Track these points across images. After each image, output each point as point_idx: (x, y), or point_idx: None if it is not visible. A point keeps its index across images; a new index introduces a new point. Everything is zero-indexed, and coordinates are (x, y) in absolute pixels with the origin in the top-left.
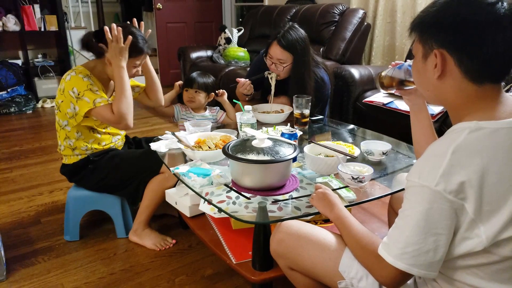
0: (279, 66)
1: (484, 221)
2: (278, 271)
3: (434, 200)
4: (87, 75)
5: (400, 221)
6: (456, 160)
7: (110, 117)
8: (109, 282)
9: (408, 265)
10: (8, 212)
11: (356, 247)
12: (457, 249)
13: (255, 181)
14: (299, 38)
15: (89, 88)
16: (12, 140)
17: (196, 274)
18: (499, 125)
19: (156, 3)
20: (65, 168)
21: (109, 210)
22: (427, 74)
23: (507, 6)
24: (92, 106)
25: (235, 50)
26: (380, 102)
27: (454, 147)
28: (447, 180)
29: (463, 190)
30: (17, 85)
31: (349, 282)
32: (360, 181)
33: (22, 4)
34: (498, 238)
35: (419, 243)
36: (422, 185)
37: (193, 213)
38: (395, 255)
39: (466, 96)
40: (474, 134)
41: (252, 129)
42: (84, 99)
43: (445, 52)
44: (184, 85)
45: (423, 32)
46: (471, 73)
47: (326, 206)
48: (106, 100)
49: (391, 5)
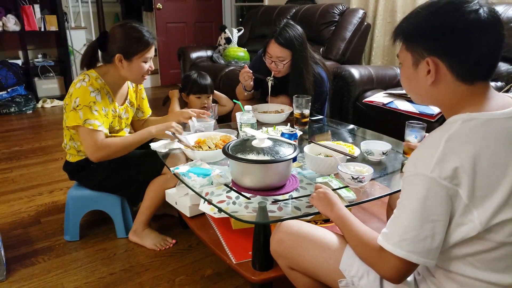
0: (279, 64)
1: (477, 206)
2: (278, 271)
3: (430, 187)
4: (97, 89)
5: (398, 211)
6: (449, 148)
7: (88, 144)
8: (109, 282)
9: (407, 252)
10: (8, 212)
11: (357, 245)
12: (452, 236)
13: (255, 181)
14: (296, 34)
15: (90, 105)
16: (12, 140)
17: (196, 274)
18: (490, 116)
19: (156, 3)
20: (68, 166)
21: (109, 210)
22: (419, 80)
23: (487, 11)
24: (81, 124)
25: (235, 50)
26: (380, 102)
27: (447, 136)
28: (441, 167)
29: (456, 175)
30: (17, 85)
31: (350, 280)
32: (360, 181)
33: (22, 4)
34: (491, 223)
35: (416, 229)
36: (418, 173)
37: (193, 213)
38: (394, 243)
39: (459, 96)
40: (467, 124)
41: (252, 129)
42: (79, 113)
43: (437, 59)
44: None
45: (410, 41)
46: (462, 75)
47: (326, 205)
48: (98, 126)
49: (391, 5)
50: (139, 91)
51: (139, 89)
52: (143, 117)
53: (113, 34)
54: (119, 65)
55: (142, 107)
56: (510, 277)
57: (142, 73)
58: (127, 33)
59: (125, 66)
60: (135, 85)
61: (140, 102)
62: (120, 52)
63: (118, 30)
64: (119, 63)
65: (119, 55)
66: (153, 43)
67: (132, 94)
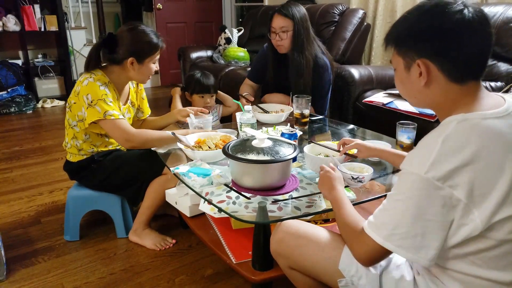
0: (282, 35)
1: (477, 205)
2: (278, 271)
3: (423, 187)
4: (104, 83)
5: (390, 204)
6: (445, 149)
7: (118, 134)
8: (109, 282)
9: (396, 246)
10: (8, 212)
11: (342, 225)
12: (455, 236)
13: (255, 181)
14: (298, 8)
15: (104, 98)
16: (12, 140)
17: (196, 274)
18: (484, 116)
19: (156, 3)
20: (68, 166)
21: (109, 210)
22: (412, 83)
23: (472, 10)
24: (102, 117)
25: (235, 50)
26: (380, 102)
27: (443, 137)
28: (436, 168)
29: (452, 177)
30: (17, 85)
31: (349, 280)
32: (360, 181)
33: (22, 4)
34: (492, 221)
35: (407, 226)
36: (413, 173)
37: (193, 213)
38: (384, 236)
39: (452, 96)
40: (462, 124)
41: (252, 129)
42: (96, 108)
43: (427, 61)
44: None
45: (401, 45)
46: (454, 75)
47: (326, 187)
48: (118, 115)
49: (391, 5)
50: (139, 91)
51: (139, 89)
52: (142, 117)
53: (123, 37)
54: (130, 67)
55: (142, 107)
56: (511, 275)
57: (150, 74)
58: (138, 37)
59: (136, 69)
60: (135, 85)
61: (140, 102)
62: (132, 56)
63: (129, 34)
64: (131, 65)
65: (132, 58)
66: (163, 46)
67: (133, 94)
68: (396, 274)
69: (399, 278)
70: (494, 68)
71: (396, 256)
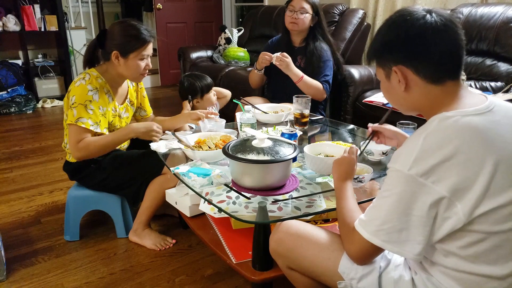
0: (300, 15)
1: (460, 199)
2: (278, 271)
3: (407, 183)
4: (96, 88)
5: (378, 201)
6: (427, 146)
7: (70, 143)
8: (109, 282)
9: (382, 241)
10: (8, 212)
11: (340, 219)
12: (440, 230)
13: (255, 181)
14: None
15: (86, 104)
16: (12, 140)
17: (196, 274)
18: (464, 113)
19: (156, 3)
20: (68, 166)
21: (109, 210)
22: (395, 90)
23: (435, 15)
24: (73, 122)
25: (235, 50)
26: (380, 102)
27: (425, 135)
28: (419, 165)
29: (434, 172)
30: (17, 85)
31: (349, 282)
32: (360, 181)
33: (22, 4)
34: (474, 214)
35: (393, 221)
36: (397, 170)
37: (193, 213)
38: (371, 232)
39: (433, 97)
40: (443, 122)
41: (252, 129)
42: (73, 111)
43: (402, 67)
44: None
45: (378, 57)
46: (430, 77)
47: (343, 171)
48: (90, 125)
49: (391, 5)
50: (140, 90)
51: (139, 88)
52: (146, 115)
53: (111, 31)
54: (115, 62)
55: (144, 106)
56: (503, 269)
57: (139, 71)
58: (124, 30)
59: (121, 63)
60: (135, 84)
61: (141, 100)
62: (116, 49)
63: (116, 28)
64: (116, 60)
65: (115, 52)
66: (151, 41)
67: (133, 94)
68: (395, 274)
69: (398, 278)
70: (494, 68)
71: (395, 256)
